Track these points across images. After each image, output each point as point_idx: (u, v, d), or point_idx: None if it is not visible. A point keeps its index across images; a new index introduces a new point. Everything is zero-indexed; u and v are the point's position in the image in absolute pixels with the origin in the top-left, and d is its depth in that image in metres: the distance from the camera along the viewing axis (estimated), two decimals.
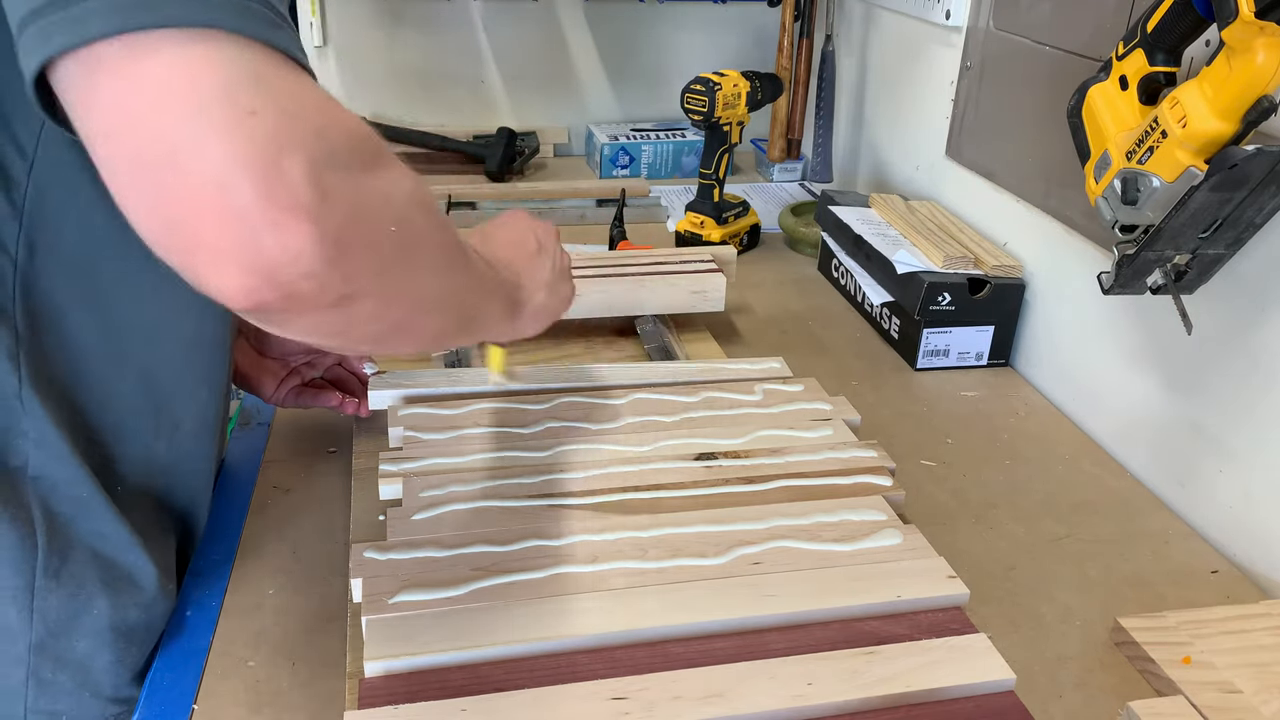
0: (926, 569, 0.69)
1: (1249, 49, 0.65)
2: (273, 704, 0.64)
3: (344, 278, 0.41)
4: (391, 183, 0.45)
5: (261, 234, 0.38)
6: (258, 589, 0.74)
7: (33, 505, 0.61)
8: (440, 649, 0.61)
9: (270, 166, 0.38)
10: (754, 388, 0.92)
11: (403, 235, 0.45)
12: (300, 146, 0.39)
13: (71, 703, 0.65)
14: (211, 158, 0.37)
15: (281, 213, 0.38)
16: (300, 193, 0.38)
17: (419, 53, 1.69)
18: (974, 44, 1.19)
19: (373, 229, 0.43)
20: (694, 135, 1.69)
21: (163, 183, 0.38)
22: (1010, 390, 1.06)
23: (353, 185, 0.41)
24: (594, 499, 0.76)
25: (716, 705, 0.58)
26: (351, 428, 0.90)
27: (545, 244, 0.74)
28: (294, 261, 0.39)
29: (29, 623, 0.62)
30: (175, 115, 0.37)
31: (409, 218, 0.45)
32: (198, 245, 0.38)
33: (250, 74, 0.38)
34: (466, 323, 0.59)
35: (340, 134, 0.41)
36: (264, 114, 0.38)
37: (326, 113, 0.41)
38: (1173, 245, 0.76)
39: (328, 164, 0.40)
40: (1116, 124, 0.78)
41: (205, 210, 0.37)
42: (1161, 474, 0.90)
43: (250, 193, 0.37)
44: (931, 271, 1.07)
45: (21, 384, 0.59)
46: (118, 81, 0.38)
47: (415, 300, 0.49)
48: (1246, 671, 0.65)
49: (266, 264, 0.39)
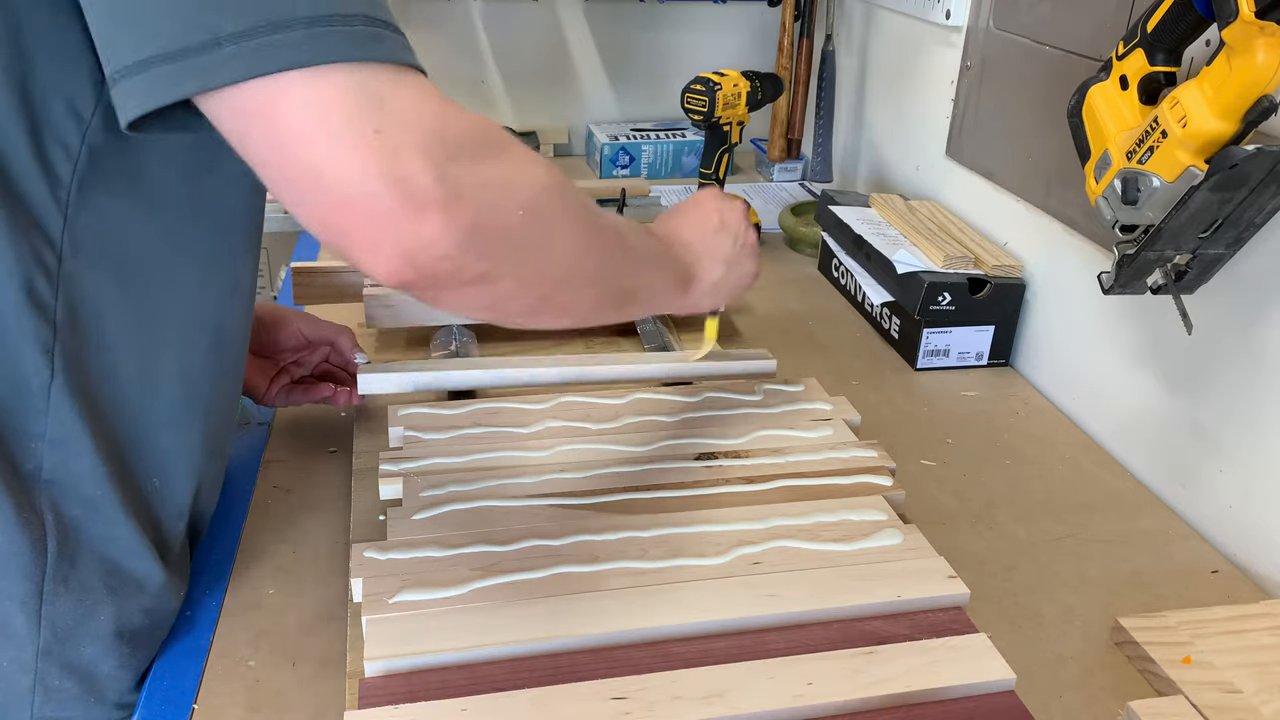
0: (927, 569, 0.69)
1: (1249, 49, 0.65)
2: (273, 704, 0.64)
3: (478, 258, 0.48)
4: (518, 171, 0.50)
5: (402, 229, 0.45)
6: (258, 589, 0.74)
7: (44, 510, 0.60)
8: (440, 649, 0.61)
9: (401, 172, 0.45)
10: (754, 387, 0.92)
11: (534, 218, 0.51)
12: (423, 151, 0.45)
13: (77, 709, 0.65)
14: (351, 176, 0.44)
15: (416, 210, 0.45)
16: (429, 191, 0.45)
17: (419, 53, 1.67)
18: (974, 44, 1.19)
19: (501, 213, 0.49)
20: (694, 135, 1.69)
21: (316, 199, 0.45)
22: (1010, 390, 1.06)
23: (477, 176, 0.48)
24: (594, 499, 0.76)
25: (716, 705, 0.58)
26: (352, 428, 0.90)
27: (728, 222, 0.79)
28: (430, 247, 0.46)
29: (36, 629, 0.62)
30: (314, 146, 0.44)
31: (539, 201, 0.51)
32: (353, 242, 0.46)
33: (370, 96, 0.45)
34: (625, 296, 0.64)
35: (457, 132, 0.47)
36: (387, 130, 0.45)
37: (443, 115, 0.47)
38: (1173, 245, 0.76)
39: (450, 161, 0.46)
40: (1117, 124, 0.78)
41: (354, 216, 0.45)
42: (1161, 474, 0.90)
43: (388, 198, 0.44)
44: (932, 271, 1.07)
45: (53, 379, 0.58)
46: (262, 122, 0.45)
47: (557, 277, 0.55)
48: (1246, 671, 0.65)
49: (408, 251, 0.46)
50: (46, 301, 0.57)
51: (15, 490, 0.59)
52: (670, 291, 0.72)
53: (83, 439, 0.60)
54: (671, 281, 0.71)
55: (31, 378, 0.58)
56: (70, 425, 0.60)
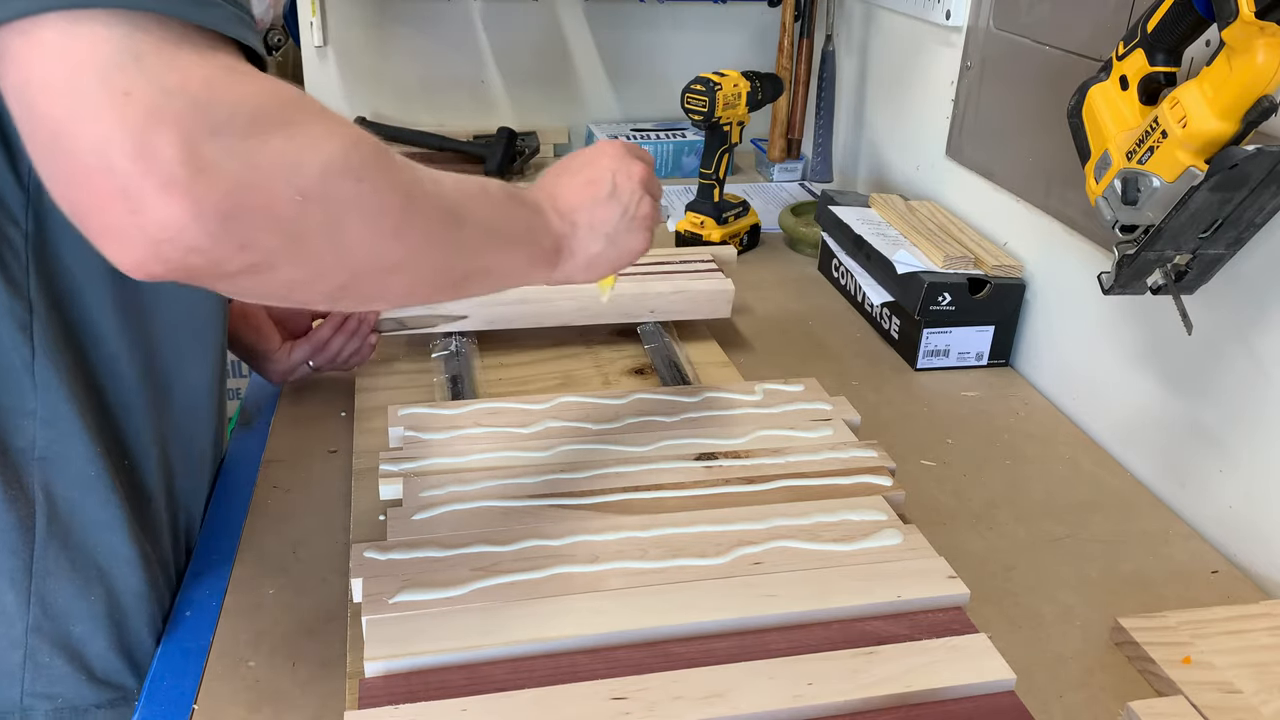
0: (927, 569, 0.69)
1: (1249, 49, 0.65)
2: (273, 704, 0.64)
3: (239, 249, 0.42)
4: (303, 150, 0.43)
5: (141, 212, 0.39)
6: (258, 589, 0.74)
7: (34, 487, 0.61)
8: (440, 649, 0.61)
9: (145, 145, 0.38)
10: (754, 387, 0.92)
11: (318, 203, 0.44)
12: (174, 122, 0.39)
13: (68, 686, 0.65)
14: (88, 143, 0.38)
15: (156, 190, 0.39)
16: (173, 169, 0.39)
17: (419, 53, 1.69)
18: (974, 44, 1.19)
19: (271, 198, 0.42)
20: (694, 135, 1.69)
21: (56, 164, 0.39)
22: (1010, 390, 1.06)
23: (243, 156, 0.41)
24: (594, 499, 0.76)
25: (716, 705, 0.58)
26: (352, 428, 0.90)
27: (620, 188, 0.69)
28: (175, 237, 0.40)
29: (26, 605, 0.62)
30: (55, 100, 0.38)
31: (327, 185, 0.44)
32: (91, 224, 0.40)
33: (130, 52, 0.39)
34: (461, 278, 0.57)
35: (231, 103, 0.41)
36: (138, 93, 0.38)
37: (217, 82, 0.41)
38: (1173, 245, 0.76)
39: (211, 136, 0.40)
40: (1117, 124, 0.78)
41: (93, 190, 0.39)
42: (1161, 474, 0.90)
43: (126, 172, 0.38)
44: (932, 271, 1.07)
45: (35, 356, 0.59)
46: (13, 68, 0.39)
47: (355, 267, 0.48)
48: (1246, 671, 0.65)
49: (152, 240, 0.40)
50: (18, 279, 0.57)
51: (3, 466, 0.59)
52: (529, 268, 0.64)
53: (72, 417, 0.60)
54: (532, 258, 0.63)
55: (11, 354, 0.58)
56: (60, 403, 0.60)
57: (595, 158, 0.70)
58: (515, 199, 0.62)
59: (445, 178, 0.54)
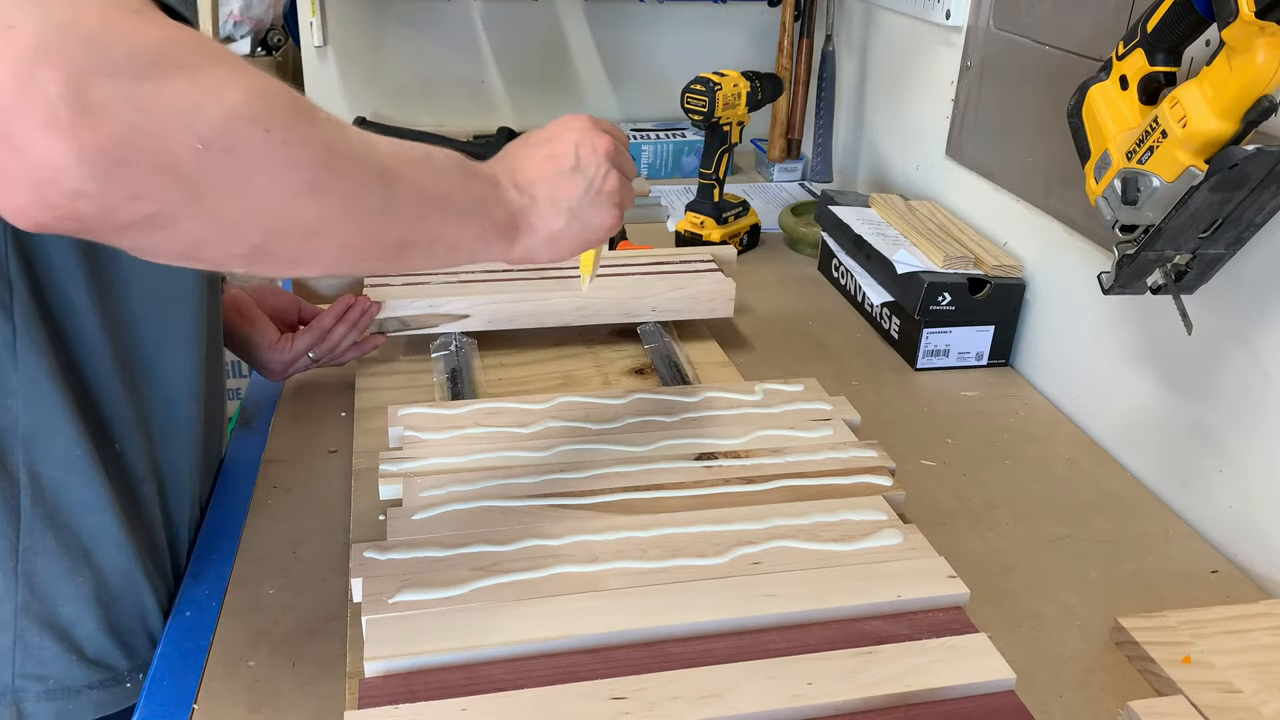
0: (926, 569, 0.69)
1: (1249, 49, 0.65)
2: (273, 704, 0.64)
3: (131, 197, 0.40)
4: (205, 95, 0.41)
5: (21, 152, 0.37)
6: (258, 589, 0.74)
7: (18, 467, 0.61)
8: (440, 649, 0.61)
9: (25, 81, 0.37)
10: (754, 387, 0.92)
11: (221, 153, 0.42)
12: (62, 58, 0.37)
13: (58, 667, 0.65)
14: None
15: (36, 128, 0.37)
16: (55, 107, 0.37)
17: (419, 53, 1.69)
18: (974, 44, 1.19)
19: (165, 143, 0.40)
20: (694, 135, 1.69)
21: None
22: (1010, 390, 1.06)
23: (137, 98, 0.39)
24: (593, 499, 0.76)
25: (716, 705, 0.58)
26: (352, 428, 0.90)
27: (585, 161, 0.65)
28: (56, 178, 0.38)
29: (14, 587, 0.62)
30: None
31: (230, 132, 0.42)
32: None
33: None
34: (397, 248, 0.54)
35: (129, 43, 0.39)
36: (24, 28, 0.37)
37: (111, 23, 0.39)
38: (1173, 245, 0.76)
39: (102, 75, 0.38)
40: (1117, 124, 0.78)
41: None
42: (1161, 474, 0.90)
43: (6, 109, 0.37)
44: (931, 271, 1.07)
45: (16, 335, 0.58)
46: None
47: (268, 227, 0.45)
48: (1246, 671, 0.65)
49: (35, 183, 0.38)
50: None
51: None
52: (482, 242, 0.60)
53: (55, 396, 0.60)
54: (484, 230, 0.59)
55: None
56: (42, 381, 0.60)
57: (560, 131, 0.67)
58: (466, 169, 0.59)
59: (380, 141, 0.52)
